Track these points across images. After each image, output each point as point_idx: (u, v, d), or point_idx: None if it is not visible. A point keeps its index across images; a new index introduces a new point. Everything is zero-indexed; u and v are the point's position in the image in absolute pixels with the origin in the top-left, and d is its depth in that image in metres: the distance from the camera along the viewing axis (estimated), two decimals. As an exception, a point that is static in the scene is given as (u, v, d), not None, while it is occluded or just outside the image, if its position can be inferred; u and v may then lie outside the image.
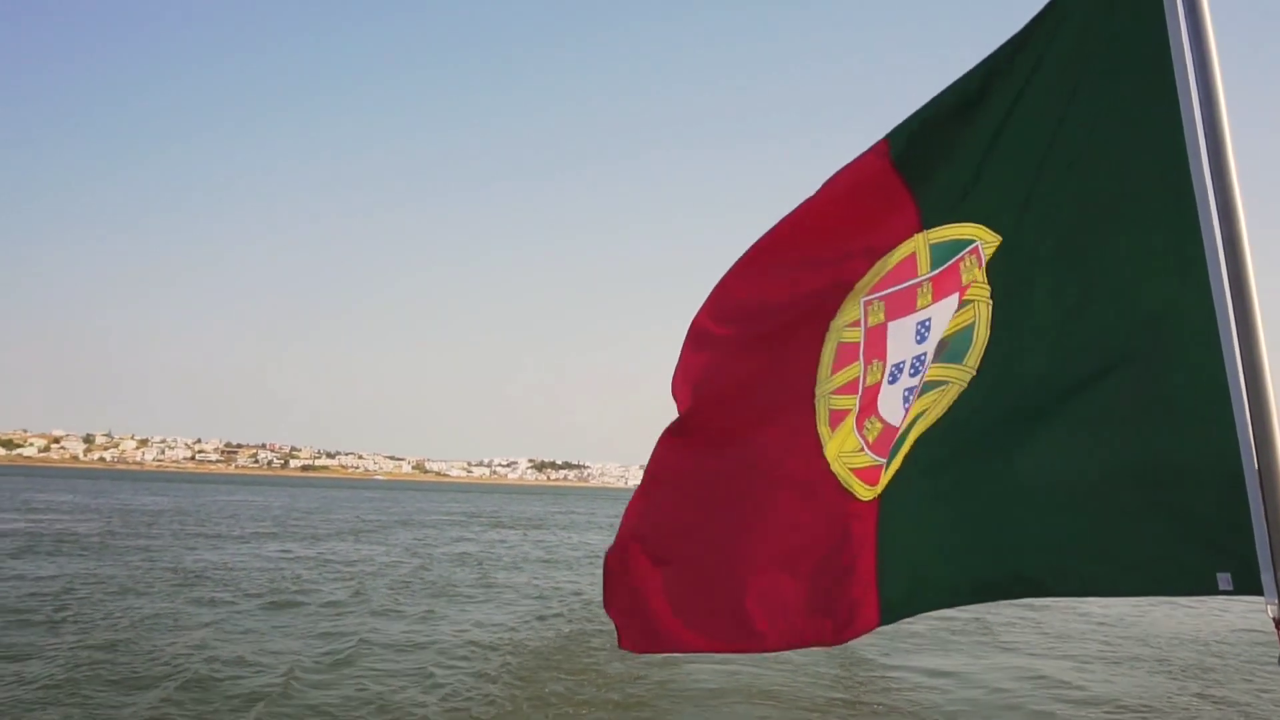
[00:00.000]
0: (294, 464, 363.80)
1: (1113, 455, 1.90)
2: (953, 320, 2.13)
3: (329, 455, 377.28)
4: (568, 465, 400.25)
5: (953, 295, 2.12)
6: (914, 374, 2.14)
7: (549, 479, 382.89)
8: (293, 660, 10.13)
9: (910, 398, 2.14)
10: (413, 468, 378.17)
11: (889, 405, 2.16)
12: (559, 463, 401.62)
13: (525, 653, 11.11)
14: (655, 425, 2.37)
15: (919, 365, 2.14)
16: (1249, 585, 1.75)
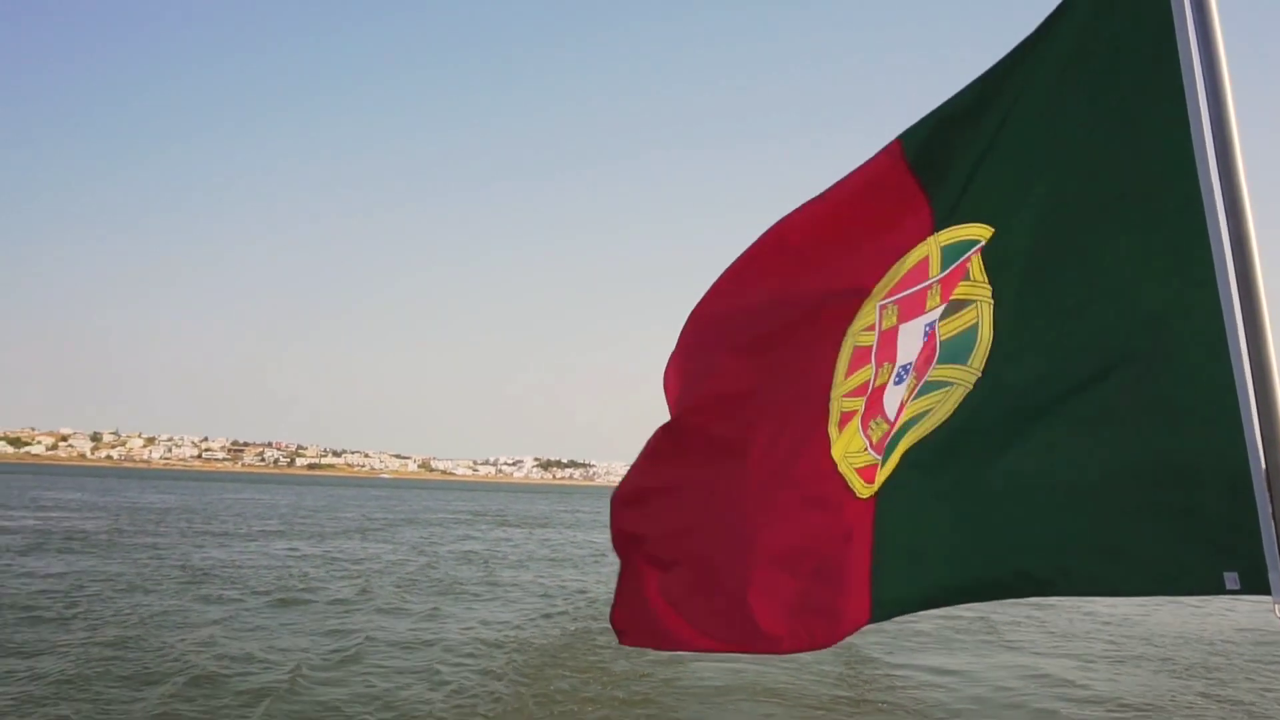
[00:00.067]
0: (300, 462, 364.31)
1: (1118, 454, 1.89)
2: (954, 320, 2.13)
3: (335, 454, 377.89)
4: (573, 464, 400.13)
5: (962, 299, 2.12)
6: (916, 374, 2.14)
7: (554, 478, 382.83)
8: (300, 657, 10.18)
9: (908, 397, 2.14)
10: (418, 466, 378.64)
11: (892, 405, 2.16)
12: (564, 461, 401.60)
13: (531, 650, 11.15)
14: (660, 425, 2.34)
15: (921, 365, 2.14)
16: (1256, 585, 1.75)
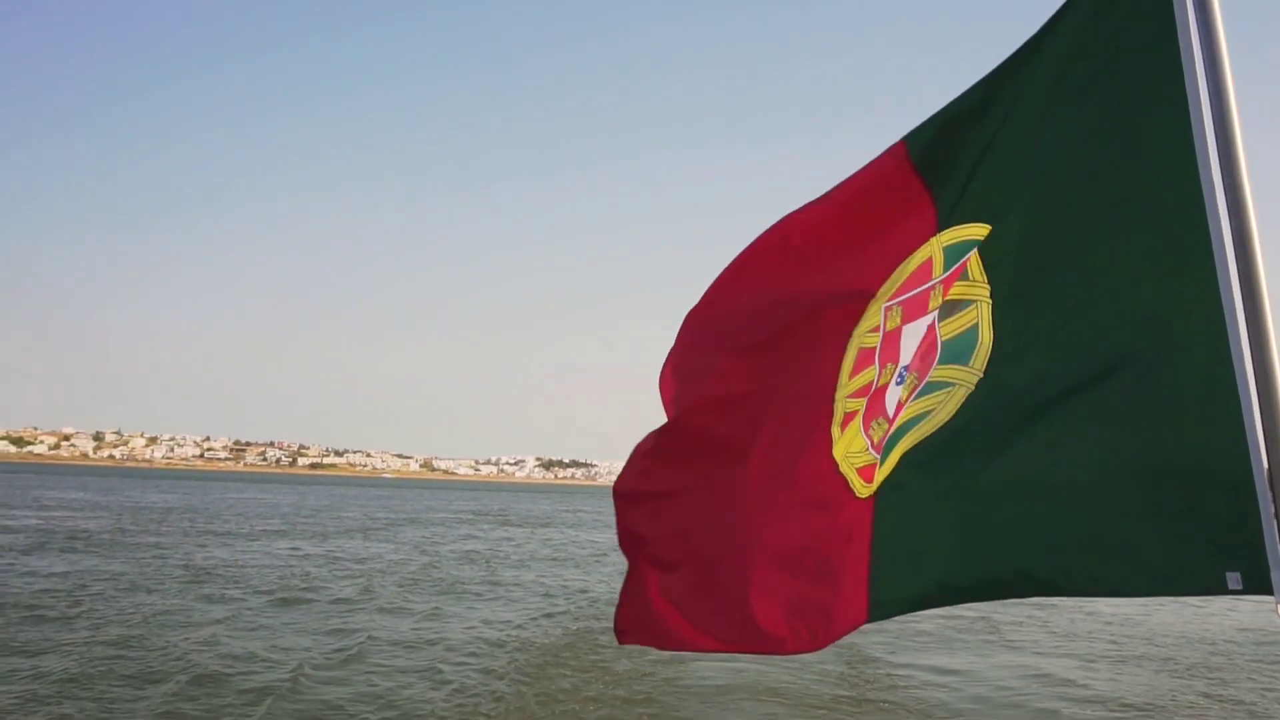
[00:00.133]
0: (302, 462, 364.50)
1: (1120, 454, 1.89)
2: (955, 320, 2.12)
3: (337, 453, 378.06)
4: (575, 464, 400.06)
5: (957, 299, 2.12)
6: (918, 375, 2.14)
7: (556, 477, 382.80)
8: (302, 656, 10.21)
9: (908, 397, 2.14)
10: (420, 466, 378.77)
11: (892, 405, 2.16)
12: (566, 461, 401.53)
13: (533, 649, 11.17)
14: (660, 425, 2.33)
15: (923, 365, 2.14)
16: (1259, 585, 1.74)
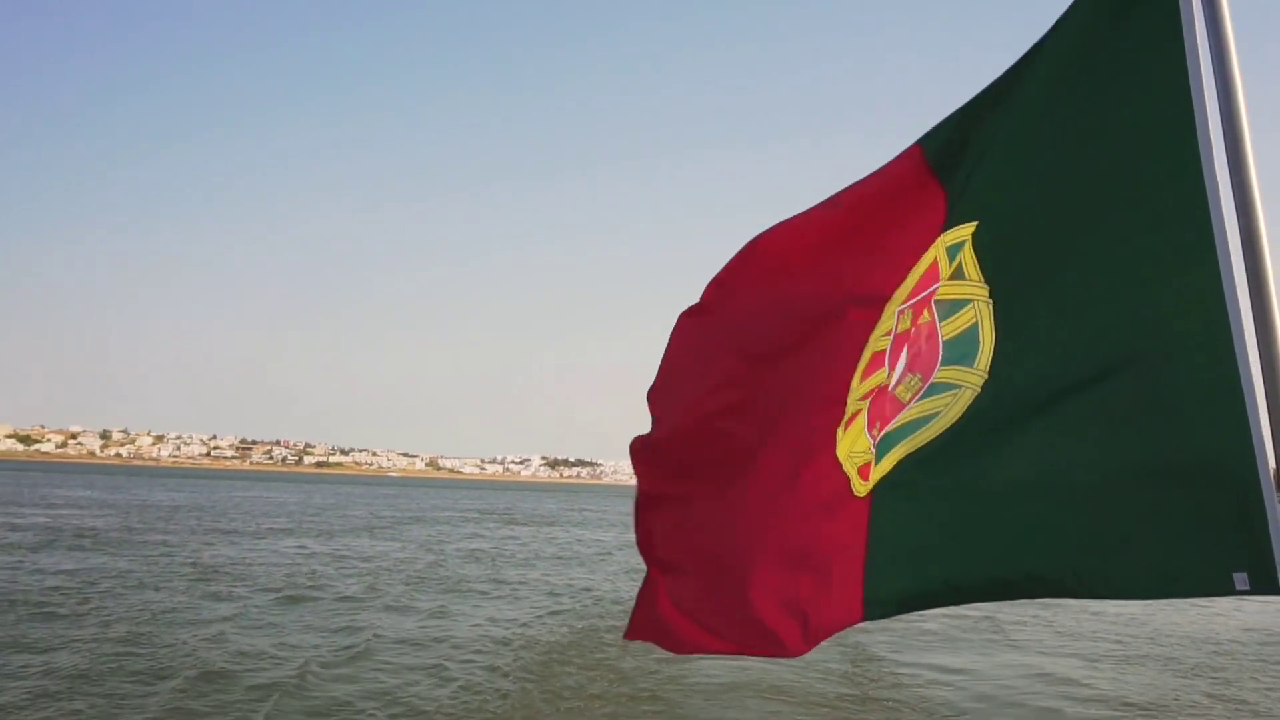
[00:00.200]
0: (308, 460, 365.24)
1: (1125, 455, 1.87)
2: (954, 320, 2.12)
3: (343, 452, 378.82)
4: (580, 462, 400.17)
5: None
6: (921, 376, 2.14)
7: (562, 476, 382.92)
8: (309, 653, 10.28)
9: (912, 397, 2.14)
10: (426, 465, 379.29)
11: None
12: (572, 460, 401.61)
13: (538, 647, 11.23)
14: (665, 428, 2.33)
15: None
16: (1266, 585, 1.73)
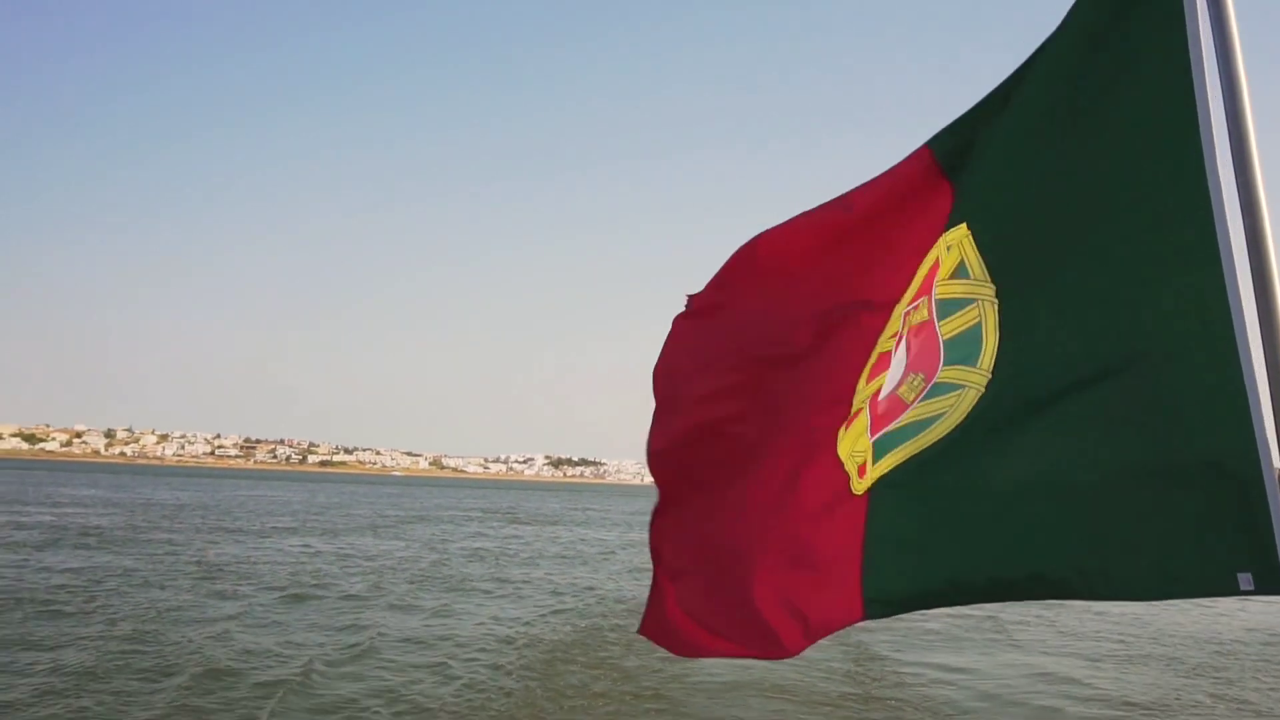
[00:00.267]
0: (312, 459, 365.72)
1: (1129, 455, 1.87)
2: (955, 319, 2.12)
3: (346, 451, 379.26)
4: (584, 462, 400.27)
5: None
6: (924, 375, 2.15)
7: (565, 475, 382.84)
8: (313, 651, 10.33)
9: (915, 398, 2.14)
10: (430, 464, 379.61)
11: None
12: (575, 459, 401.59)
13: (541, 646, 11.27)
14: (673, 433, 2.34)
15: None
16: (1270, 585, 1.73)
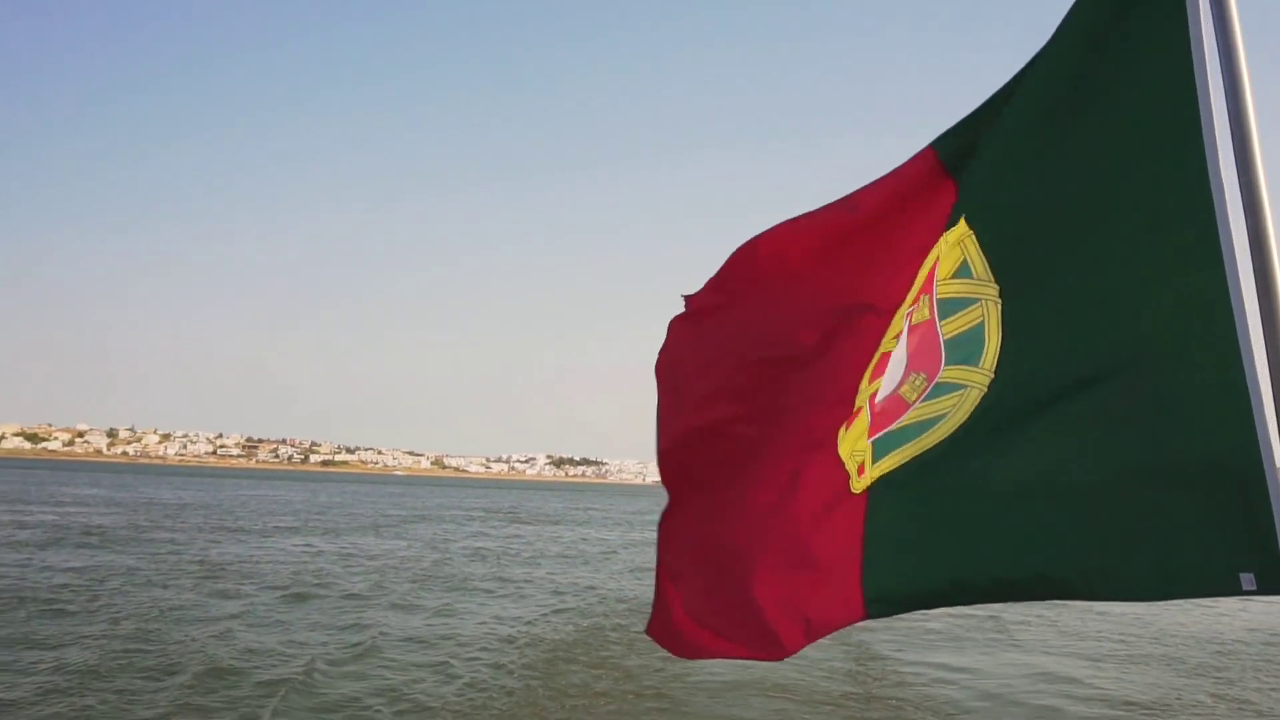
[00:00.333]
0: (314, 459, 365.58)
1: (1130, 456, 1.87)
2: (957, 319, 2.12)
3: (349, 450, 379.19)
4: (586, 461, 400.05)
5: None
6: (927, 375, 2.16)
7: (567, 475, 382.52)
8: (315, 651, 10.36)
9: (917, 398, 2.15)
10: (432, 463, 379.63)
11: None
12: (577, 459, 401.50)
13: (543, 645, 11.28)
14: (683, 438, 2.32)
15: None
16: (1273, 585, 1.73)
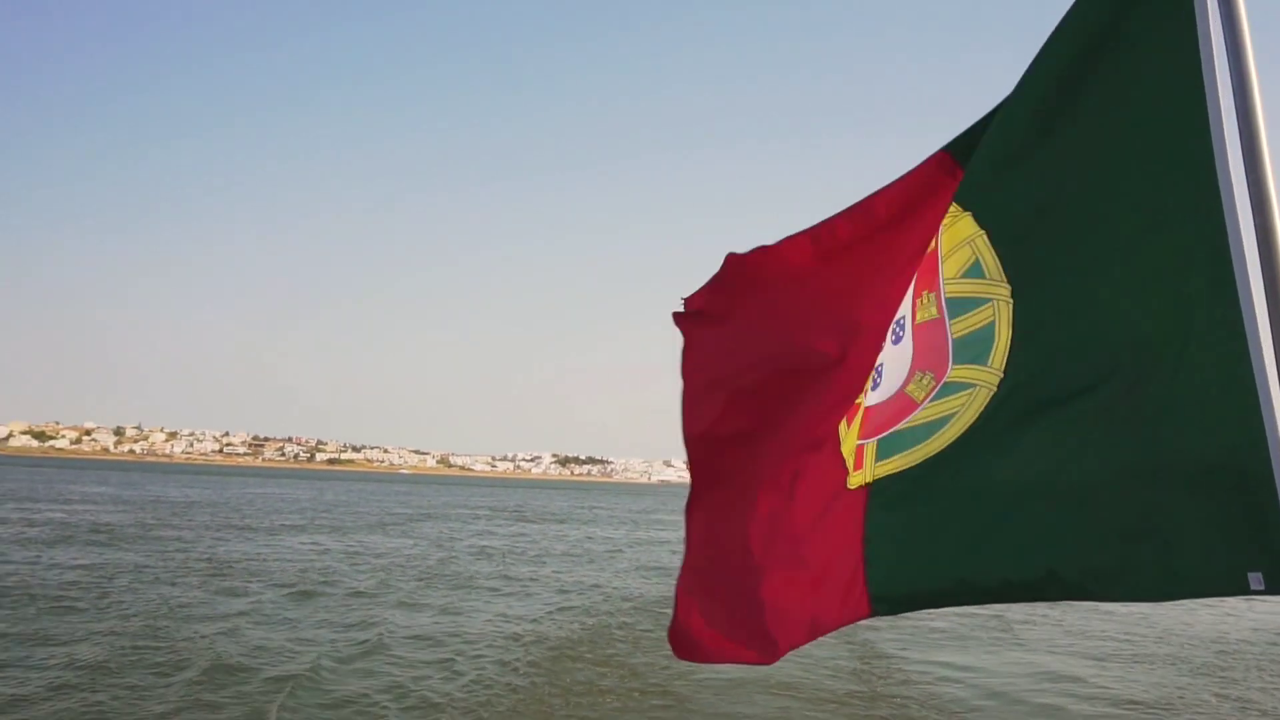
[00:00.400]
0: (320, 457, 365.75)
1: (1139, 455, 1.88)
2: (968, 318, 2.13)
3: (354, 449, 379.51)
4: (591, 460, 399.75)
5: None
6: (934, 374, 2.18)
7: (572, 474, 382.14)
8: (321, 648, 10.41)
9: (925, 397, 2.16)
10: (437, 462, 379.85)
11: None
12: (582, 458, 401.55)
13: (548, 643, 11.31)
14: (678, 422, 2.39)
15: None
16: None
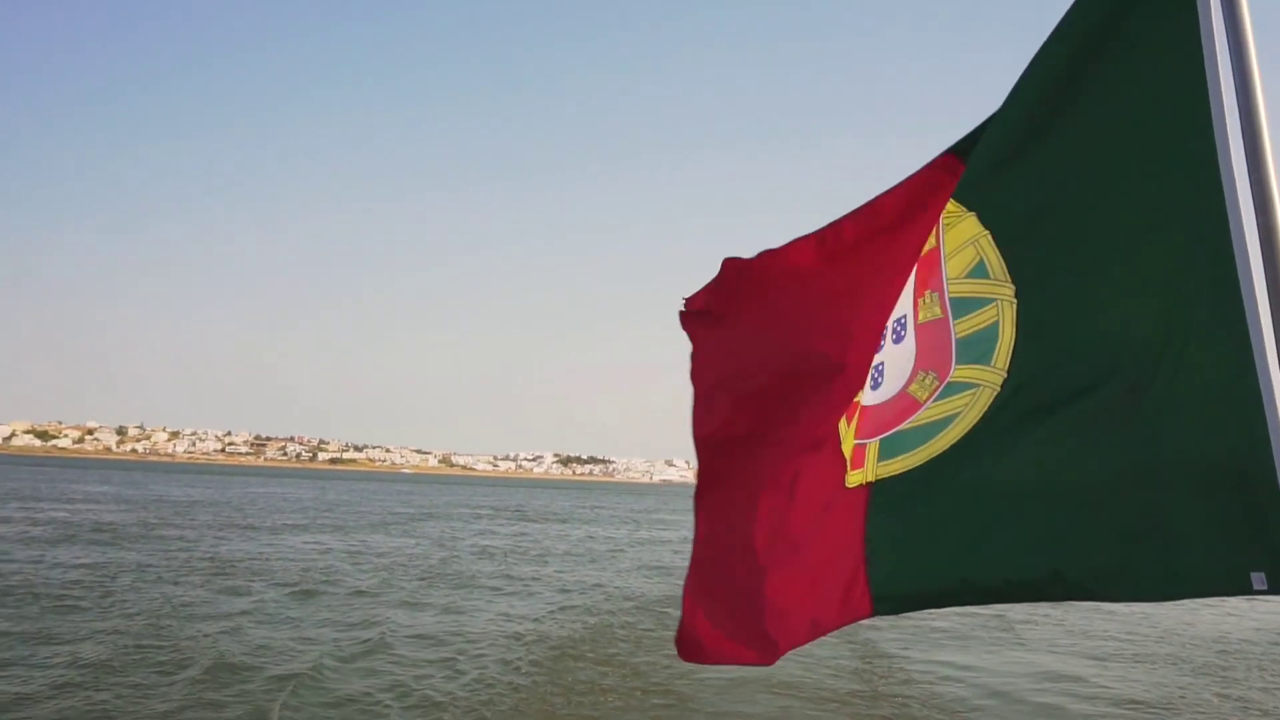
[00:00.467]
0: (322, 457, 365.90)
1: (1142, 455, 1.89)
2: (972, 318, 2.14)
3: (356, 448, 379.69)
4: (593, 460, 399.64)
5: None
6: (937, 374, 2.18)
7: (574, 473, 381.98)
8: (323, 647, 10.42)
9: (928, 397, 2.16)
10: (439, 461, 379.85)
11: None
12: (584, 457, 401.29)
13: (550, 642, 11.32)
14: (680, 422, 2.38)
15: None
16: None
